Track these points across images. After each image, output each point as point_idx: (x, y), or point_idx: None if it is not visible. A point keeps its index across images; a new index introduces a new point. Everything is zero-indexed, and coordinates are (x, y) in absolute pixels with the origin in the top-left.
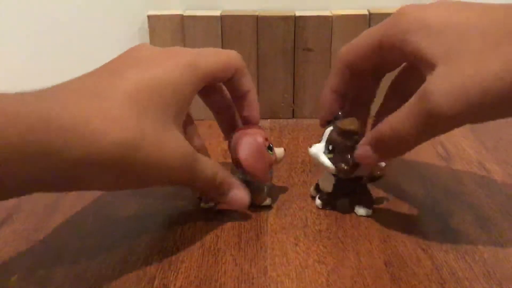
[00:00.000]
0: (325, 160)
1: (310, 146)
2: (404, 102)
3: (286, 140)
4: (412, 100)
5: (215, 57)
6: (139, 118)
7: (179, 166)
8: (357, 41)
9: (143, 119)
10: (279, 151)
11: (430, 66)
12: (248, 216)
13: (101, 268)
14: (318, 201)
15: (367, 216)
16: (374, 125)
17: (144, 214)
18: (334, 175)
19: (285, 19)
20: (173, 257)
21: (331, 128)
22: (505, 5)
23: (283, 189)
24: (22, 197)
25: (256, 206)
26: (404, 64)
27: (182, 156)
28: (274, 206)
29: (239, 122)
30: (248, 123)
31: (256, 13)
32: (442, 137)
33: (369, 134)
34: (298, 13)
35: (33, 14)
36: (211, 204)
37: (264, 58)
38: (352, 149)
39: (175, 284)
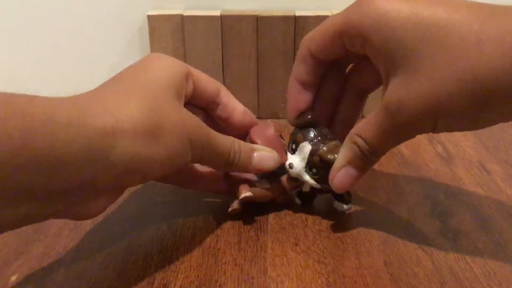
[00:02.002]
0: (311, 181)
1: (291, 166)
2: (360, 96)
3: (286, 140)
4: (379, 113)
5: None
6: (148, 94)
7: (198, 130)
8: (319, 28)
9: (152, 94)
10: None
11: (387, 68)
12: (248, 216)
13: (101, 268)
14: (297, 200)
15: (346, 210)
16: (333, 121)
17: (144, 214)
18: None
19: (285, 19)
20: (173, 257)
21: (309, 146)
22: (483, 5)
23: None
24: None
25: (284, 197)
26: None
27: (197, 121)
28: (274, 206)
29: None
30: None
31: (256, 13)
32: (442, 137)
33: (344, 154)
34: (298, 13)
35: (34, 14)
36: (249, 193)
37: (264, 58)
38: None
39: (175, 284)
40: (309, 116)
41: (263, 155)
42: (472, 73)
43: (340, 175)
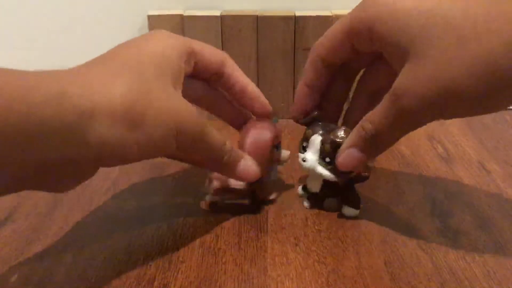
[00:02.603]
0: (325, 172)
1: (304, 160)
2: (372, 99)
3: (286, 140)
4: (387, 99)
5: (202, 43)
6: (139, 76)
7: (190, 121)
8: (328, 31)
9: (143, 77)
10: (284, 153)
11: (397, 58)
12: (248, 216)
13: (101, 268)
14: (306, 203)
15: (355, 216)
16: (344, 123)
17: (144, 214)
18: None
19: (285, 19)
20: (173, 257)
21: (319, 137)
22: None
23: (283, 189)
24: (22, 197)
25: (260, 201)
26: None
27: (191, 111)
28: (274, 206)
29: (242, 114)
30: (262, 115)
31: (256, 13)
32: (442, 137)
33: (351, 137)
34: (298, 13)
35: (33, 14)
36: (217, 198)
37: (264, 58)
38: None
39: (175, 284)
40: (316, 113)
41: (248, 165)
42: (481, 51)
43: (344, 154)
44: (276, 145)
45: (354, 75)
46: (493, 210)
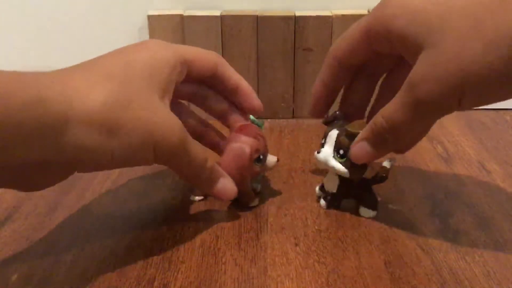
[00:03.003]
0: (337, 165)
1: (319, 152)
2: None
3: (286, 140)
4: (401, 89)
5: (194, 48)
6: (123, 84)
7: (170, 135)
8: (346, 33)
9: (127, 86)
10: (271, 159)
11: (415, 52)
12: (248, 216)
13: (101, 268)
14: (322, 202)
15: (370, 217)
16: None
17: (143, 214)
18: (339, 176)
19: (285, 19)
20: (173, 257)
21: (336, 131)
22: None
23: (283, 189)
24: (22, 197)
25: (244, 206)
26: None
27: (173, 125)
28: (274, 206)
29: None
30: (254, 112)
31: (256, 13)
32: (442, 137)
33: (364, 130)
34: (298, 13)
35: (33, 15)
36: (202, 197)
37: (264, 58)
38: None
39: (175, 284)
40: (337, 112)
41: (226, 185)
42: (498, 33)
43: (356, 147)
44: (257, 158)
45: (375, 79)
46: (493, 210)
